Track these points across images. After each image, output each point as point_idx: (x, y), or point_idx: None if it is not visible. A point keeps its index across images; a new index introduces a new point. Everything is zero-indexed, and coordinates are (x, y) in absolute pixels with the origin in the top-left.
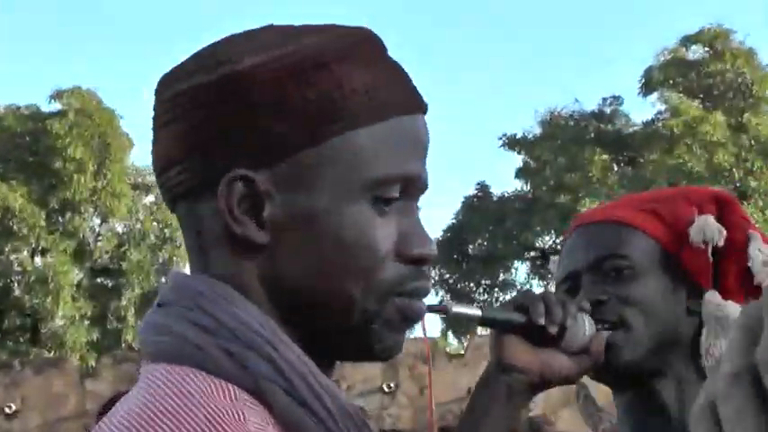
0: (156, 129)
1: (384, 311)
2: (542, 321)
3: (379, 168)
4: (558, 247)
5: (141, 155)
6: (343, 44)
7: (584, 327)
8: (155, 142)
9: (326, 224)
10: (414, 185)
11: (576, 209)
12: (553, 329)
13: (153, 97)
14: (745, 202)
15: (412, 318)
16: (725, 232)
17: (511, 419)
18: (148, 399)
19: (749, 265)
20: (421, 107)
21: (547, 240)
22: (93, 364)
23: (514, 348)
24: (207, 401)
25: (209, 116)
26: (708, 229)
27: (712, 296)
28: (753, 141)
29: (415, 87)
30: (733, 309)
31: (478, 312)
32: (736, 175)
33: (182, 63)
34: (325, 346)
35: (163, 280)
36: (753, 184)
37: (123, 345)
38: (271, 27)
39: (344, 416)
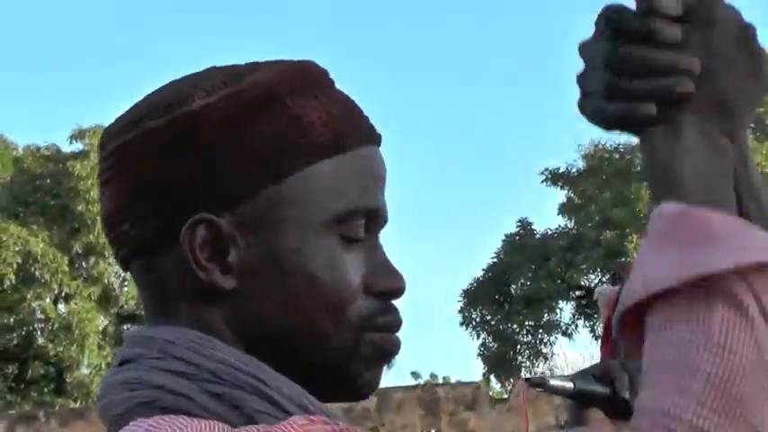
0: (102, 184)
1: (359, 347)
2: (627, 395)
3: (342, 202)
4: (604, 285)
5: None
6: (294, 78)
7: None
8: (101, 201)
9: (295, 263)
10: (376, 218)
11: (623, 245)
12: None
13: (99, 150)
14: None
15: (388, 352)
16: None
17: None
18: None
19: None
20: (376, 138)
21: (592, 279)
22: None
23: (596, 422)
24: None
25: (162, 163)
26: None
27: None
28: None
29: (367, 118)
30: None
31: (570, 385)
32: None
33: (123, 114)
34: (319, 391)
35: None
36: None
37: None
38: (214, 68)
39: None
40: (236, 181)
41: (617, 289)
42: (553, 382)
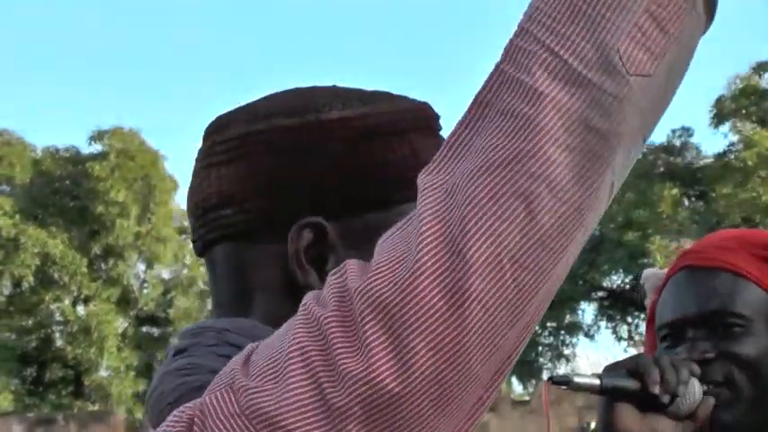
0: (204, 167)
1: None
2: (657, 390)
3: None
4: (627, 287)
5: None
6: (418, 116)
7: (694, 392)
8: (197, 180)
9: None
10: None
11: (646, 247)
12: (666, 398)
13: (212, 132)
14: None
15: None
16: None
17: None
18: None
19: None
20: None
21: (615, 280)
22: (141, 418)
23: (626, 416)
24: None
25: (286, 160)
26: None
27: None
28: None
29: None
30: None
31: (597, 382)
32: None
33: (245, 106)
34: None
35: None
36: None
37: None
38: (337, 87)
39: None
40: (350, 196)
41: (665, 272)
42: (578, 380)
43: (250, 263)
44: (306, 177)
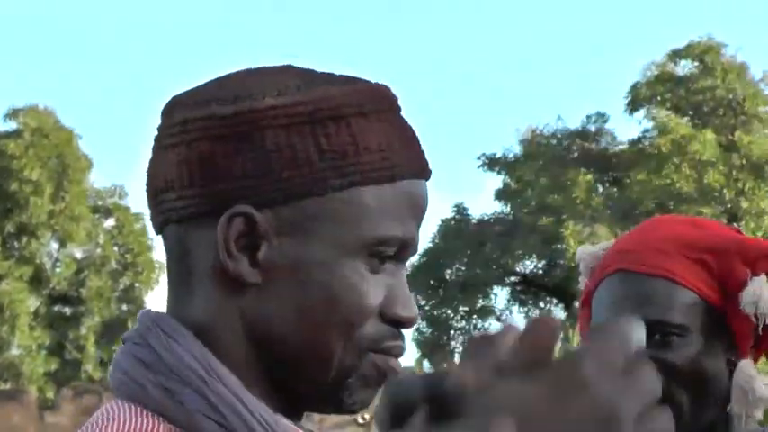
0: (157, 148)
1: (361, 366)
2: None
3: (380, 229)
4: (540, 272)
5: (101, 176)
6: (363, 100)
7: None
8: (152, 161)
9: (319, 276)
10: (407, 249)
11: (559, 232)
12: None
13: (163, 114)
14: (735, 224)
15: (386, 374)
16: None
17: None
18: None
19: None
20: (427, 174)
21: (528, 265)
22: (52, 397)
23: None
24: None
25: (219, 148)
26: (762, 302)
27: (746, 366)
28: (744, 161)
29: (423, 152)
30: (759, 385)
31: None
32: (727, 196)
33: (195, 89)
34: (294, 395)
35: (124, 307)
36: (744, 205)
37: (83, 376)
38: (290, 68)
39: None
40: (282, 185)
41: (600, 253)
42: None
43: (190, 248)
44: (238, 166)
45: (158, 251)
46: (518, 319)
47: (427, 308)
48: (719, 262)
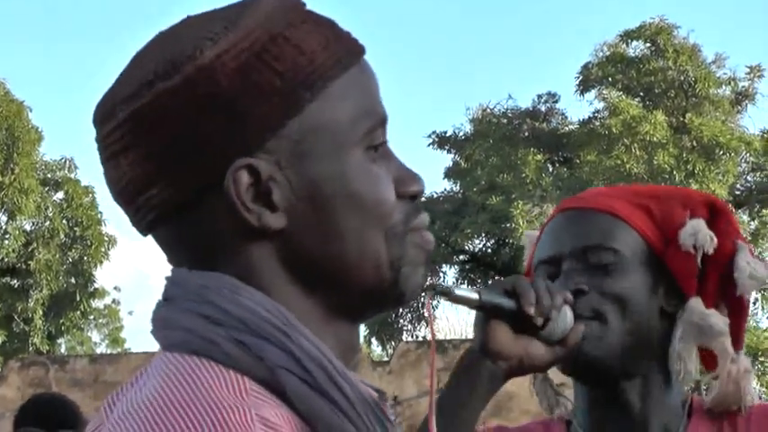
0: (112, 156)
1: (407, 253)
2: (532, 311)
3: (364, 118)
4: (488, 250)
5: (51, 149)
6: (283, 12)
7: (566, 319)
8: (114, 170)
9: (336, 187)
10: (385, 126)
11: (509, 211)
12: (540, 321)
13: (102, 122)
14: None
15: (429, 249)
16: (715, 241)
17: (486, 402)
18: (161, 387)
19: (735, 276)
20: (363, 49)
21: (477, 244)
22: (0, 369)
23: (500, 335)
24: (217, 398)
25: (185, 121)
26: (700, 235)
27: (696, 303)
28: (695, 142)
29: (349, 32)
30: (716, 319)
31: (476, 296)
32: (677, 178)
33: (123, 79)
34: (358, 309)
35: (72, 281)
36: (694, 187)
37: (31, 348)
38: (196, 17)
39: (364, 404)
40: (259, 122)
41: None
42: (458, 292)
43: (200, 229)
44: (210, 129)
45: (108, 225)
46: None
47: None
48: (661, 207)
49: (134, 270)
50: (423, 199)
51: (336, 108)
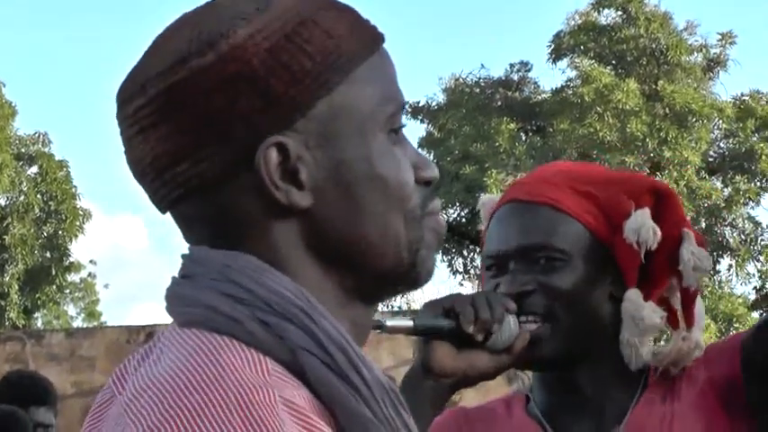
0: (141, 131)
1: (424, 236)
2: (471, 330)
3: (387, 102)
4: (462, 220)
5: (25, 124)
6: None
7: (510, 328)
8: (142, 145)
9: (362, 169)
10: (403, 110)
11: (483, 180)
12: (480, 337)
13: (131, 97)
14: (659, 173)
15: (443, 234)
16: (659, 234)
17: (435, 412)
18: (182, 364)
19: (680, 268)
20: (383, 36)
21: (451, 213)
22: None
23: (441, 354)
24: (240, 378)
25: (219, 98)
26: (643, 230)
27: (633, 295)
28: (667, 110)
29: (369, 20)
30: (648, 312)
31: (410, 323)
32: (650, 145)
33: (154, 51)
34: (375, 291)
35: (48, 255)
36: (667, 154)
37: (7, 323)
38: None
39: (380, 388)
40: (291, 102)
41: (498, 199)
42: (390, 323)
43: (227, 205)
44: (243, 107)
45: (82, 199)
46: (443, 269)
47: None
48: (606, 194)
49: (110, 243)
50: None
51: (362, 92)
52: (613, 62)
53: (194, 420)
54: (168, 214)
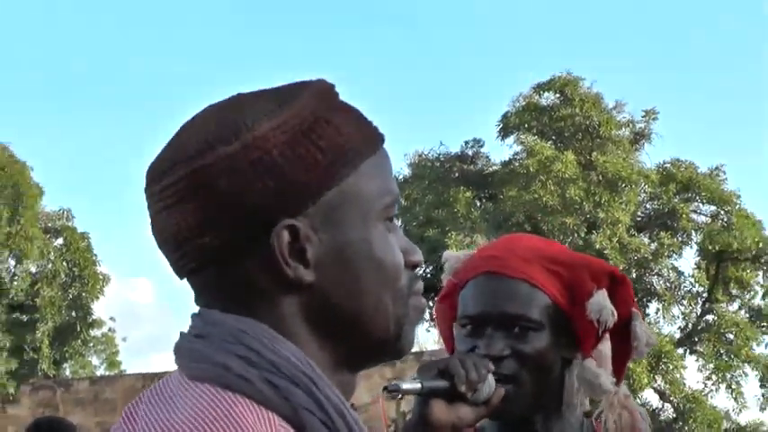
0: (169, 206)
1: (409, 313)
2: (464, 389)
3: (387, 194)
4: (428, 276)
5: (51, 201)
6: (327, 96)
7: (490, 385)
8: (167, 219)
9: (362, 251)
10: (397, 202)
11: (444, 241)
12: (469, 394)
13: (159, 177)
14: (594, 232)
15: (424, 311)
16: (616, 316)
17: None
18: (200, 415)
19: (634, 344)
20: (384, 136)
21: (418, 270)
22: (13, 392)
23: (437, 409)
24: (253, 430)
25: (240, 182)
26: (604, 311)
27: (590, 364)
28: (600, 177)
29: (372, 120)
30: (605, 380)
31: (419, 386)
32: (586, 208)
33: (179, 143)
34: (362, 360)
35: (73, 314)
36: (601, 215)
37: (39, 373)
38: (248, 95)
39: None
40: (304, 189)
41: (462, 257)
42: (405, 386)
43: (242, 277)
44: (261, 191)
45: (102, 265)
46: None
47: None
48: (571, 275)
49: (125, 302)
50: None
51: (366, 184)
52: (553, 137)
53: None
54: (185, 280)
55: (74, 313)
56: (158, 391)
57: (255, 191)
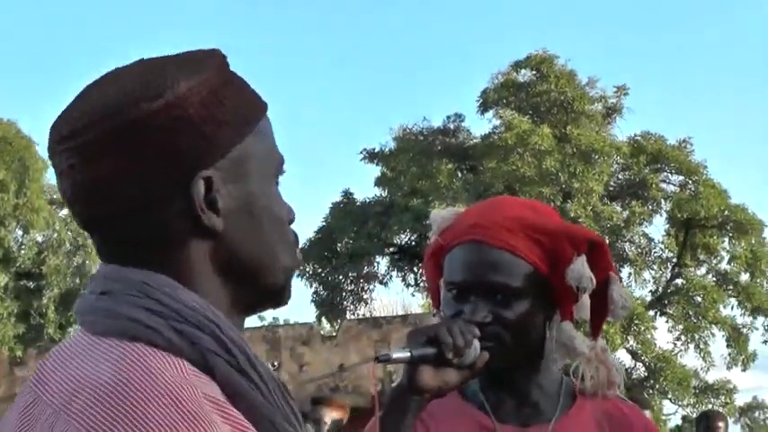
0: (91, 159)
1: (294, 264)
2: (451, 356)
3: (276, 153)
4: (413, 243)
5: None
6: (226, 65)
7: (476, 350)
8: (86, 171)
9: (262, 205)
10: (284, 163)
11: (428, 210)
12: (456, 360)
13: (70, 135)
14: (569, 201)
15: (300, 262)
16: (594, 282)
17: (416, 417)
18: (113, 369)
19: (610, 307)
20: (267, 103)
21: (403, 238)
22: (21, 355)
23: (425, 375)
24: (167, 378)
25: (164, 135)
26: (584, 278)
27: (567, 326)
28: (575, 149)
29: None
30: (579, 342)
31: (409, 354)
32: (562, 179)
33: (90, 102)
34: (253, 305)
35: (77, 281)
36: (576, 185)
37: (46, 337)
38: (151, 59)
39: (272, 381)
40: (216, 143)
41: (449, 216)
42: (395, 355)
43: (158, 225)
44: (183, 142)
45: None
46: (397, 283)
47: (322, 274)
48: (552, 242)
49: None
50: (359, 203)
51: (262, 143)
52: (530, 112)
53: (137, 416)
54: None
55: (78, 280)
56: (64, 350)
57: (177, 145)
